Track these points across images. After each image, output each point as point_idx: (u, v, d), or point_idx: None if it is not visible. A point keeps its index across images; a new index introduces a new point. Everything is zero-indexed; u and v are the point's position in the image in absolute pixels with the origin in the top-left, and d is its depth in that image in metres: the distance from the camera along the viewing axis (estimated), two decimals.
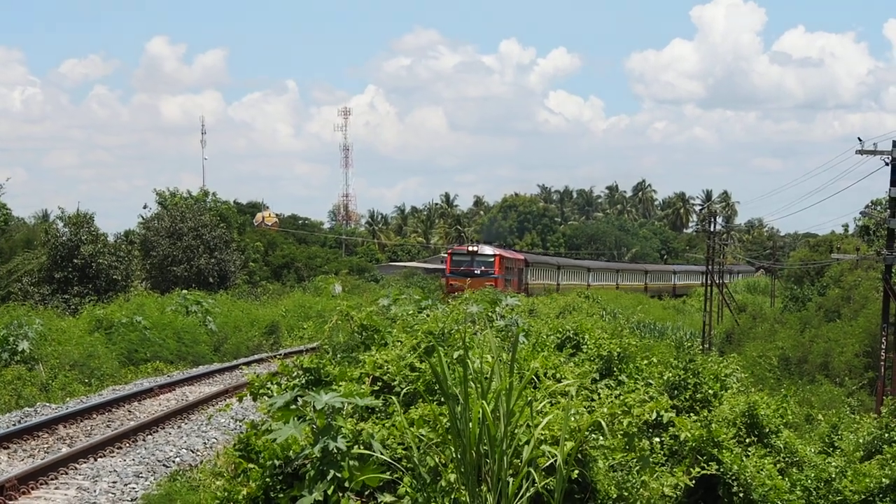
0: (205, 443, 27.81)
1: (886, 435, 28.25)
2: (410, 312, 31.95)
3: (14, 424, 30.57)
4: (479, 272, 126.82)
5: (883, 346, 56.02)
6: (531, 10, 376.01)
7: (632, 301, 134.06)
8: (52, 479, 23.00)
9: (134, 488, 22.18)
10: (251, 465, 18.98)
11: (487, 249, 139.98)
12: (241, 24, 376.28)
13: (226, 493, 18.74)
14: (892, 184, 53.96)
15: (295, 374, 21.54)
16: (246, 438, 19.61)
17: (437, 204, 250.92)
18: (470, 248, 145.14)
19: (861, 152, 56.06)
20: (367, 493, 17.89)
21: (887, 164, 54.47)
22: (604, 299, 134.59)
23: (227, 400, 35.02)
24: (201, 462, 24.48)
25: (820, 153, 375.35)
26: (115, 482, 22.82)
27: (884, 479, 24.46)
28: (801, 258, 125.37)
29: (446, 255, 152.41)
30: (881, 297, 58.33)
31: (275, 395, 19.99)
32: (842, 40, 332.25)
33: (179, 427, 31.24)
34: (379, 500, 17.78)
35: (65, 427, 30.67)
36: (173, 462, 25.12)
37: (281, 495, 18.23)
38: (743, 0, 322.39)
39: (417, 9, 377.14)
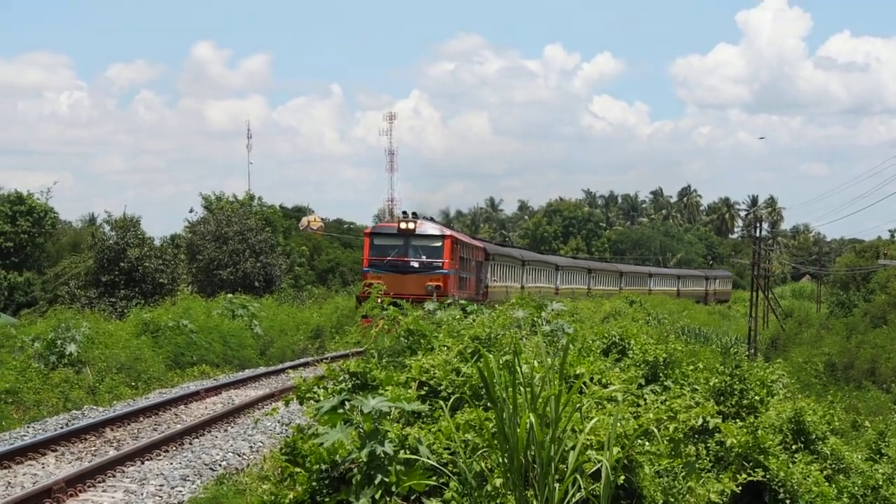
0: (251, 447, 27.81)
1: None
2: (457, 317, 32.31)
3: (62, 427, 30.61)
4: (417, 265, 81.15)
5: None
6: (575, 15, 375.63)
7: (678, 306, 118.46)
8: (99, 482, 23.02)
9: (181, 492, 22.20)
10: (297, 470, 19.00)
11: (431, 227, 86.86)
12: (285, 29, 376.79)
13: (272, 497, 18.75)
14: None
15: (341, 378, 21.48)
16: (292, 442, 19.63)
17: (481, 208, 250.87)
18: (403, 224, 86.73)
19: None
20: (413, 497, 17.87)
21: None
22: (648, 304, 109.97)
23: (274, 404, 35.18)
24: (248, 466, 24.49)
25: (866, 158, 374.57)
26: (161, 485, 22.83)
27: None
28: (847, 264, 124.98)
29: (364, 237, 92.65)
30: None
31: (321, 399, 19.96)
32: (888, 45, 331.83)
33: (226, 431, 31.27)
34: (427, 503, 17.75)
35: (112, 430, 30.71)
36: (220, 466, 25.14)
37: (327, 500, 18.21)
38: (788, 5, 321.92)
39: (462, 14, 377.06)
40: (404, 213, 74.92)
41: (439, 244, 70.01)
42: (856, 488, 25.18)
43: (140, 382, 46.94)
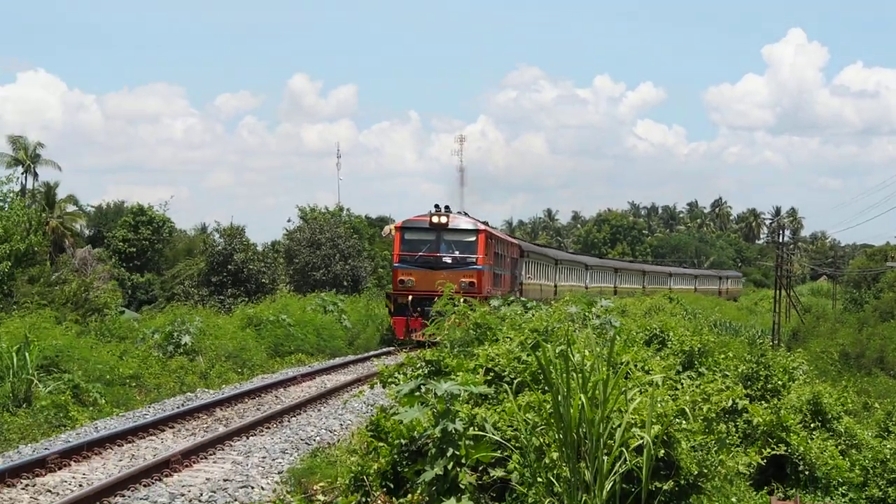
0: (341, 424, 27.91)
1: None
2: (518, 312, 32.34)
3: (178, 407, 30.76)
4: (450, 260, 68.49)
5: None
6: (621, 49, 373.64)
7: (710, 303, 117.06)
8: (210, 455, 23.11)
9: (280, 463, 22.25)
10: (381, 444, 19.05)
11: (464, 221, 72.78)
12: (370, 64, 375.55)
13: (359, 468, 18.80)
14: None
15: (419, 365, 21.64)
16: (376, 421, 19.68)
17: (540, 218, 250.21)
18: (435, 218, 71.56)
19: None
20: (480, 468, 17.90)
21: None
22: (685, 301, 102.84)
23: (360, 387, 35.47)
24: (338, 441, 24.52)
25: (876, 173, 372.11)
26: (264, 457, 22.91)
27: None
28: (860, 266, 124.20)
29: (393, 232, 75.98)
30: None
31: (401, 383, 20.06)
32: (893, 75, 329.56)
33: (319, 410, 31.43)
34: (491, 475, 17.79)
35: (221, 410, 30.88)
36: (314, 441, 25.20)
37: (406, 470, 18.27)
38: (808, 40, 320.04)
39: (522, 48, 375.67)
40: (436, 206, 61.98)
41: (473, 239, 59.40)
42: (867, 461, 25.10)
43: (245, 369, 47.92)
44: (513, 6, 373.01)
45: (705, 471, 17.60)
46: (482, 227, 57.65)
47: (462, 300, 36.49)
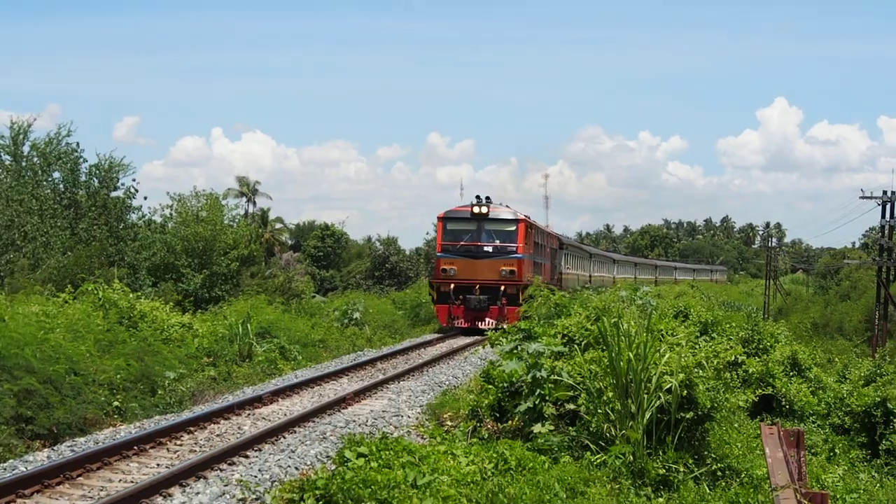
0: (463, 373, 27.80)
1: (878, 370, 28.02)
2: (585, 296, 33.19)
3: (351, 361, 30.72)
4: (490, 249, 52.67)
5: (876, 317, 55.33)
6: (657, 112, 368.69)
7: (721, 289, 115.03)
8: (373, 394, 23.09)
9: (421, 399, 22.21)
10: (490, 386, 19.14)
11: (504, 211, 54.43)
12: (483, 123, 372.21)
13: (475, 402, 18.94)
14: (882, 216, 57.38)
15: (516, 332, 21.50)
16: (487, 370, 19.82)
17: (600, 230, 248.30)
18: (476, 208, 53.45)
19: (863, 197, 62.27)
20: (558, 403, 17.85)
21: (878, 204, 58.51)
22: (703, 287, 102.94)
23: (476, 347, 36.12)
24: (460, 384, 24.49)
25: (837, 198, 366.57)
26: (410, 396, 22.87)
27: (876, 397, 24.00)
28: (825, 263, 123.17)
29: (436, 223, 56.47)
30: (875, 286, 57.84)
31: (504, 344, 20.07)
32: (850, 128, 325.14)
33: (448, 363, 31.33)
34: (566, 407, 17.77)
35: (380, 363, 30.75)
36: (444, 384, 25.13)
37: (507, 404, 18.41)
38: (789, 104, 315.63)
39: (587, 112, 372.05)
40: (478, 196, 49.94)
41: (513, 228, 47.38)
42: (829, 399, 25.07)
43: (396, 335, 48.96)
44: (580, 85, 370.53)
45: (715, 405, 17.44)
46: (522, 216, 45.42)
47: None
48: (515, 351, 19.87)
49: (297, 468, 14.03)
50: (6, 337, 20.26)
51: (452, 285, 41.90)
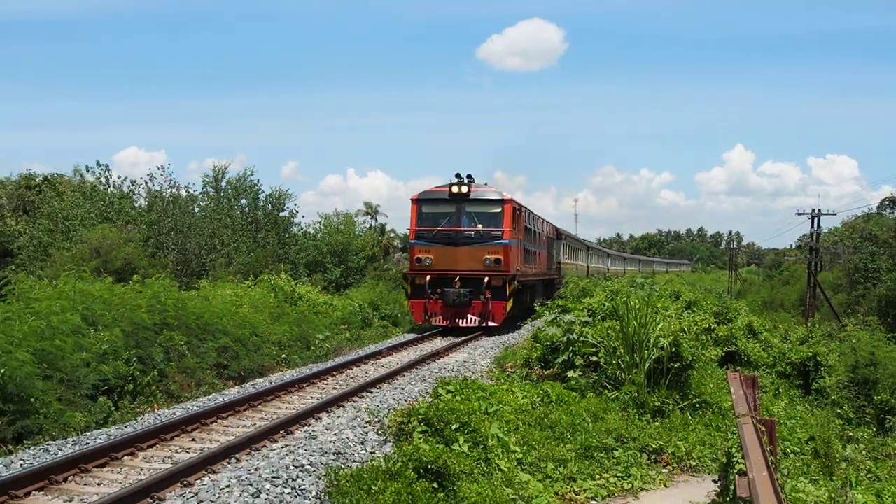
0: (520, 335, 27.50)
1: (809, 334, 27.63)
2: (604, 283, 32.45)
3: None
4: (472, 234, 28.44)
5: (808, 296, 54.50)
6: (652, 156, 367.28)
7: (697, 277, 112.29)
8: (457, 350, 22.92)
9: (490, 353, 21.92)
10: (538, 344, 18.97)
11: (488, 191, 29.20)
12: (530, 164, 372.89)
13: (527, 355, 18.76)
14: (811, 226, 55.98)
15: (556, 307, 21.36)
16: (536, 333, 19.65)
17: (613, 237, 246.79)
18: (455, 188, 28.73)
19: (798, 213, 61.33)
20: (585, 356, 17.72)
21: (809, 218, 57.12)
22: (686, 276, 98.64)
23: (528, 319, 35.31)
24: (517, 344, 24.32)
25: (780, 213, 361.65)
26: (482, 351, 22.54)
27: (809, 352, 23.61)
28: (771, 259, 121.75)
29: (411, 205, 29.66)
30: (806, 275, 57.00)
31: (547, 315, 20.01)
32: (788, 166, 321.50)
33: (509, 331, 30.97)
34: (591, 360, 17.65)
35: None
36: (506, 343, 24.91)
37: (549, 357, 18.17)
38: (745, 149, 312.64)
39: (604, 154, 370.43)
40: (458, 175, 31.08)
41: (498, 210, 29.93)
42: (775, 353, 24.61)
43: None
44: (598, 135, 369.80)
45: (695, 358, 17.27)
46: (508, 197, 30.00)
47: (482, 280, 26.05)
48: (555, 319, 19.88)
49: (405, 400, 14.07)
50: (210, 310, 20.58)
51: (428, 277, 27.30)
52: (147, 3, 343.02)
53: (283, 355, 21.71)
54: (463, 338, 25.05)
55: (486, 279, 26.14)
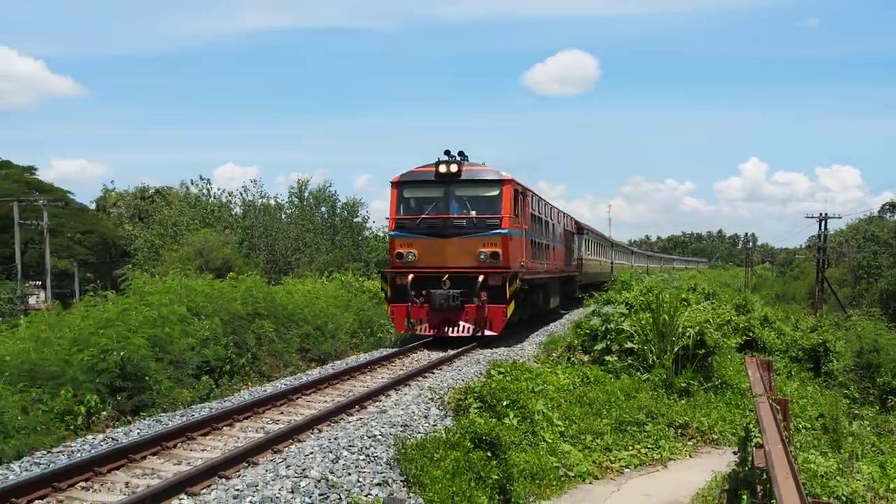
0: (563, 325, 27.11)
1: (818, 323, 27.11)
2: (638, 278, 31.88)
3: None
4: (464, 223, 18.65)
5: (816, 290, 53.53)
6: (678, 166, 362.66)
7: (717, 273, 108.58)
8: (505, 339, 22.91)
9: (537, 341, 21.49)
10: (579, 330, 18.83)
11: (484, 171, 19.02)
12: (569, 172, 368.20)
13: (569, 341, 18.64)
14: (819, 229, 55.30)
15: (596, 300, 21.20)
16: (577, 323, 19.53)
17: (642, 239, 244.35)
18: (443, 167, 18.70)
19: (807, 217, 60.98)
20: (621, 343, 17.55)
21: (817, 221, 56.07)
22: (707, 273, 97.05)
23: (576, 310, 34.72)
24: (562, 331, 24.07)
25: (789, 219, 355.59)
26: (531, 342, 22.37)
27: (818, 339, 23.19)
28: (783, 257, 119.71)
29: (391, 188, 19.42)
30: (815, 271, 55.96)
31: (590, 307, 19.90)
32: (798, 175, 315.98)
33: (554, 320, 30.72)
34: (625, 347, 17.46)
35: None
36: (551, 332, 24.45)
37: (589, 344, 18.04)
38: (759, 160, 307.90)
39: (634, 166, 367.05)
40: (447, 152, 19.39)
41: (495, 192, 18.50)
42: (788, 340, 24.17)
43: None
44: (629, 150, 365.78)
45: (717, 345, 17.10)
46: (508, 176, 19.55)
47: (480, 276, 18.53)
48: (595, 311, 19.77)
49: (462, 380, 14.05)
50: (293, 302, 20.75)
51: (411, 276, 19.53)
52: (239, 43, 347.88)
53: (354, 340, 21.82)
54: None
55: (482, 277, 18.46)
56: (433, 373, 15.37)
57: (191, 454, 9.18)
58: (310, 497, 7.33)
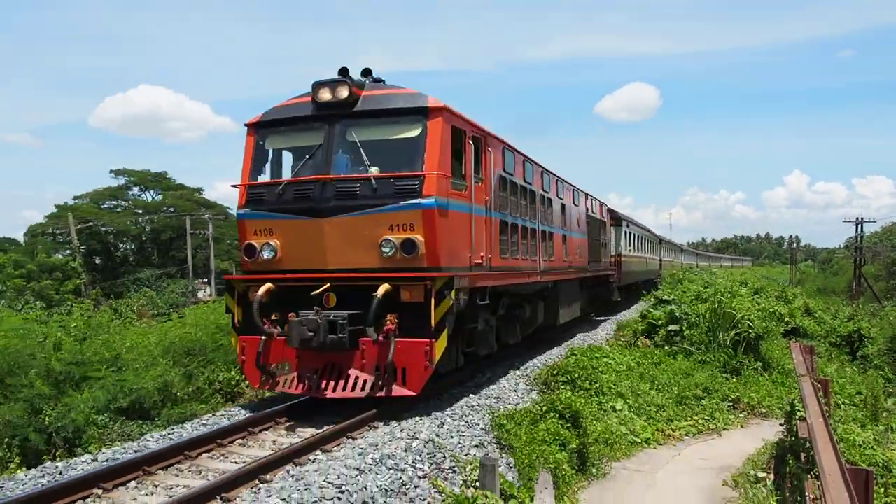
0: (629, 316, 26.33)
1: (854, 313, 25.82)
2: (692, 274, 30.67)
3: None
4: (358, 189, 6.87)
5: (854, 285, 51.27)
6: (729, 178, 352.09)
7: (765, 270, 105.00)
8: (584, 328, 22.53)
9: (609, 328, 21.09)
10: (643, 321, 18.50)
11: (395, 95, 6.85)
12: (635, 188, 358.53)
13: (635, 327, 18.32)
14: (856, 230, 52.76)
15: (654, 295, 20.70)
16: (643, 313, 19.16)
17: (699, 241, 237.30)
18: (326, 93, 6.91)
19: (845, 221, 57.99)
20: (682, 331, 17.13)
21: (854, 224, 53.37)
22: (754, 269, 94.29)
23: (637, 304, 33.39)
24: (630, 319, 23.52)
25: (828, 224, 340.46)
26: (605, 328, 21.69)
27: (854, 327, 22.17)
28: (825, 256, 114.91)
29: (246, 136, 7.44)
30: (853, 268, 53.56)
31: (650, 301, 19.43)
32: (837, 185, 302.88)
33: (621, 311, 29.71)
34: (684, 333, 17.04)
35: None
36: (620, 319, 23.99)
37: (651, 331, 17.66)
38: (801, 173, 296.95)
39: (692, 178, 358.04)
40: (342, 70, 6.95)
41: (413, 132, 6.07)
42: (827, 328, 23.24)
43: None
44: (685, 166, 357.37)
45: (766, 331, 16.51)
46: (440, 103, 6.56)
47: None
48: (654, 304, 19.34)
49: (546, 362, 13.91)
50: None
51: (266, 287, 8.04)
52: None
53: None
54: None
55: (382, 289, 8.09)
56: (526, 360, 14.07)
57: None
58: (420, 455, 7.39)
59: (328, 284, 8.29)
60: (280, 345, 8.47)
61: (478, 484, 6.89)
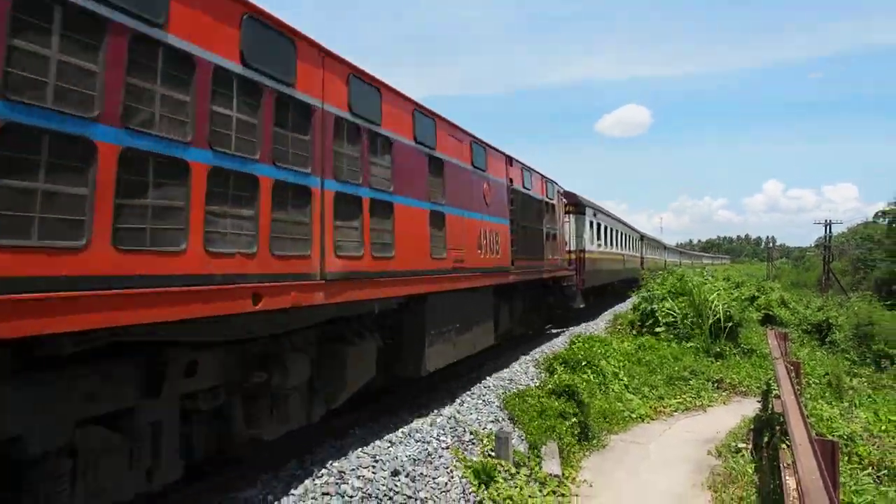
0: (624, 308, 25.91)
1: (824, 304, 25.47)
2: (673, 271, 29.93)
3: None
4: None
5: (823, 279, 50.55)
6: (711, 185, 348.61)
7: (745, 266, 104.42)
8: (598, 312, 22.29)
9: (606, 318, 21.00)
10: (636, 312, 18.29)
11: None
12: (633, 194, 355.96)
13: (630, 319, 18.14)
14: (825, 231, 52.02)
15: (639, 291, 20.53)
16: (636, 305, 18.93)
17: (686, 242, 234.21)
18: None
19: (815, 223, 59.25)
20: (666, 320, 16.98)
21: (823, 226, 52.71)
22: (737, 265, 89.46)
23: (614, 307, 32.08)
24: (625, 310, 23.26)
25: (806, 225, 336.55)
26: (601, 318, 21.70)
27: (823, 316, 21.89)
28: (798, 254, 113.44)
29: None
30: (822, 264, 52.77)
31: (655, 291, 19.25)
32: (808, 191, 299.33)
33: (620, 302, 29.22)
34: (669, 322, 16.88)
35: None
36: (616, 311, 23.66)
37: (642, 320, 17.51)
38: (777, 181, 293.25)
39: (681, 188, 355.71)
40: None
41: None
42: (800, 316, 22.93)
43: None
44: (673, 177, 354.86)
45: (743, 319, 16.34)
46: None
47: None
48: (644, 299, 19.12)
49: (551, 350, 13.89)
50: None
51: None
52: None
53: None
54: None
55: None
56: (530, 343, 15.09)
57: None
58: (443, 429, 7.43)
59: None
60: None
61: (493, 453, 6.99)
